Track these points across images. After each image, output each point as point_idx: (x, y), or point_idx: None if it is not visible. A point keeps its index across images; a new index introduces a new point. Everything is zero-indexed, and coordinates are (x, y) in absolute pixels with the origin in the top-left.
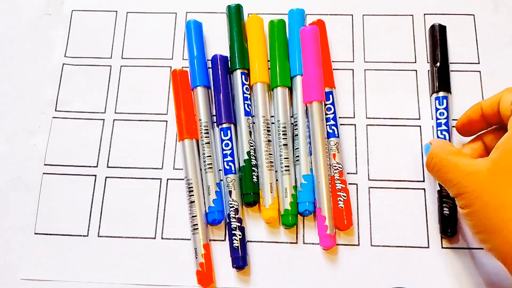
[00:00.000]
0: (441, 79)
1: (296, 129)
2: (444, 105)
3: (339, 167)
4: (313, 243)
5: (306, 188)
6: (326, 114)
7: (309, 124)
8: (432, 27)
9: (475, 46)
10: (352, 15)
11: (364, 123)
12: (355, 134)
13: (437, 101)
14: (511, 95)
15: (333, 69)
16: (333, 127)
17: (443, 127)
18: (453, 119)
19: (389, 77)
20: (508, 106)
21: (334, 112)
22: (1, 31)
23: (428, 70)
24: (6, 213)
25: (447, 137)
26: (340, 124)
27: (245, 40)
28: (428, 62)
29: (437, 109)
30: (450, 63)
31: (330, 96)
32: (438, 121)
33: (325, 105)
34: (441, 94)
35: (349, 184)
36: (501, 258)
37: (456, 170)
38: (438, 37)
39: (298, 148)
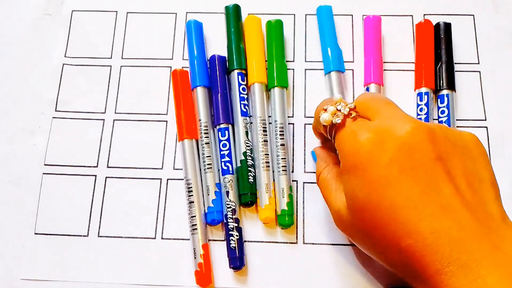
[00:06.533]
0: (445, 77)
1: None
2: (445, 103)
3: None
4: (313, 243)
5: None
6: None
7: None
8: (437, 25)
9: (475, 46)
10: (352, 15)
11: None
12: None
13: (439, 99)
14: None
15: None
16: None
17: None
18: (457, 119)
19: (389, 76)
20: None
21: (428, 113)
22: (1, 31)
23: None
24: (6, 213)
25: None
26: None
27: (242, 41)
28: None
29: (439, 108)
30: None
31: (426, 96)
32: (440, 119)
33: (418, 105)
34: (444, 92)
35: None
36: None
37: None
38: (443, 35)
39: None
